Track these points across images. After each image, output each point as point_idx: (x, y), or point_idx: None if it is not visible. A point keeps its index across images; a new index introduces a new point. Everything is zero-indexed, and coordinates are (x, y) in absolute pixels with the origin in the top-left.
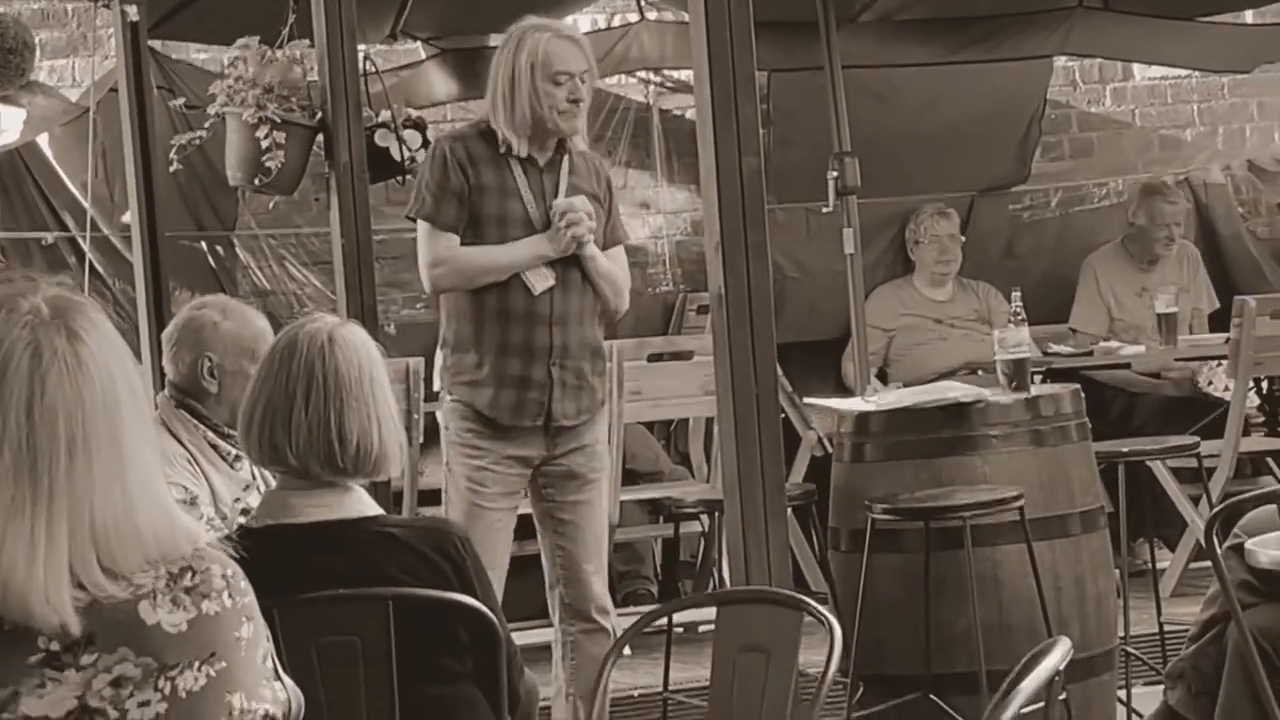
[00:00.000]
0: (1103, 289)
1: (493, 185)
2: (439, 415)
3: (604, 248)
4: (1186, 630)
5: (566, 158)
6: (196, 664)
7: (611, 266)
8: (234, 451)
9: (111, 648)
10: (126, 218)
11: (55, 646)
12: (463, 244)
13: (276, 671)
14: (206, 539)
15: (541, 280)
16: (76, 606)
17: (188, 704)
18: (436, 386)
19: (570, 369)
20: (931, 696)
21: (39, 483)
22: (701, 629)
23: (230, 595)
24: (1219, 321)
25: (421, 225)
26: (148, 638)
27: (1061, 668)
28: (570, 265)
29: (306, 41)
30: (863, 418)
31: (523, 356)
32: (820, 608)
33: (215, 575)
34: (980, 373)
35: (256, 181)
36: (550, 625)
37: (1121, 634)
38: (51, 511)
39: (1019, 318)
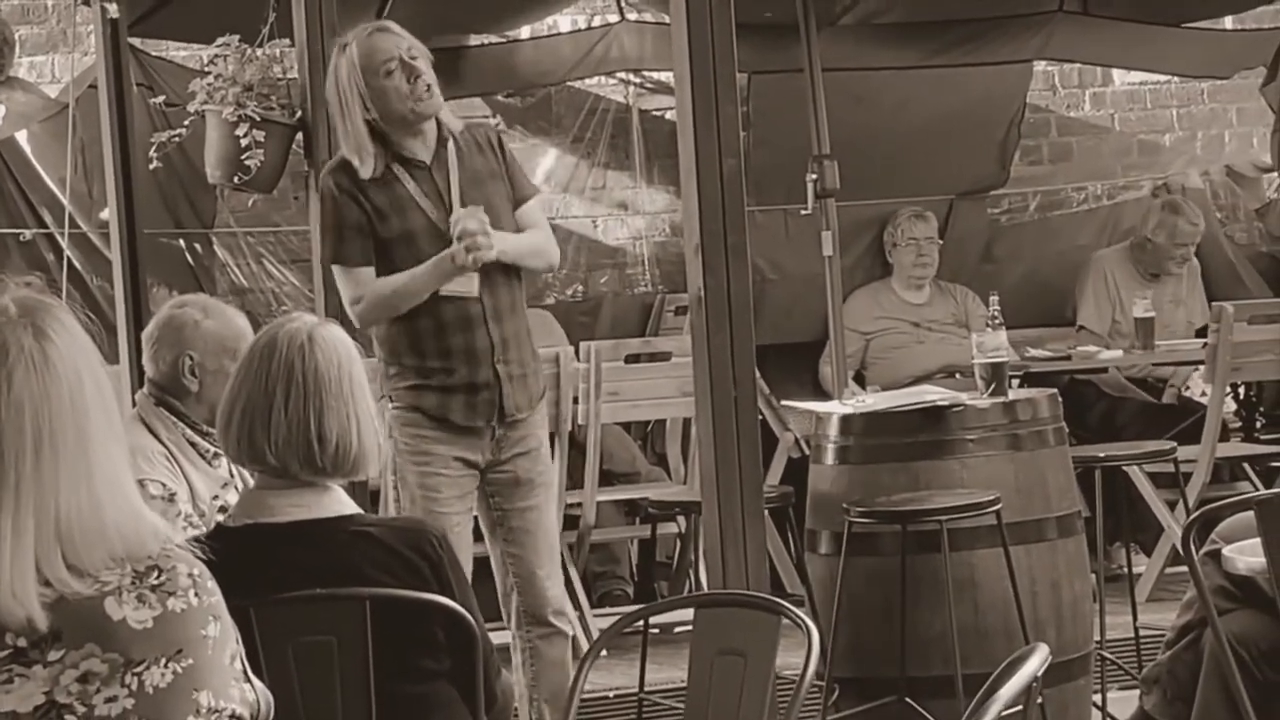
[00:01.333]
0: (1110, 289)
1: (386, 204)
2: (380, 426)
3: (516, 207)
4: (1162, 635)
5: (450, 145)
6: (163, 660)
7: (527, 241)
8: (212, 449)
9: (78, 644)
10: (105, 215)
11: (22, 643)
12: (377, 273)
13: (246, 673)
14: (175, 538)
15: (462, 286)
16: (43, 602)
17: (155, 700)
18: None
19: (514, 361)
20: (907, 700)
21: (4, 479)
22: (677, 630)
23: (197, 594)
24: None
25: (335, 269)
26: (114, 634)
27: (1040, 674)
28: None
29: (287, 40)
30: (840, 420)
31: (467, 362)
32: (798, 612)
33: (181, 574)
34: (958, 376)
35: (236, 179)
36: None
37: (1097, 638)
38: (18, 507)
39: (997, 321)
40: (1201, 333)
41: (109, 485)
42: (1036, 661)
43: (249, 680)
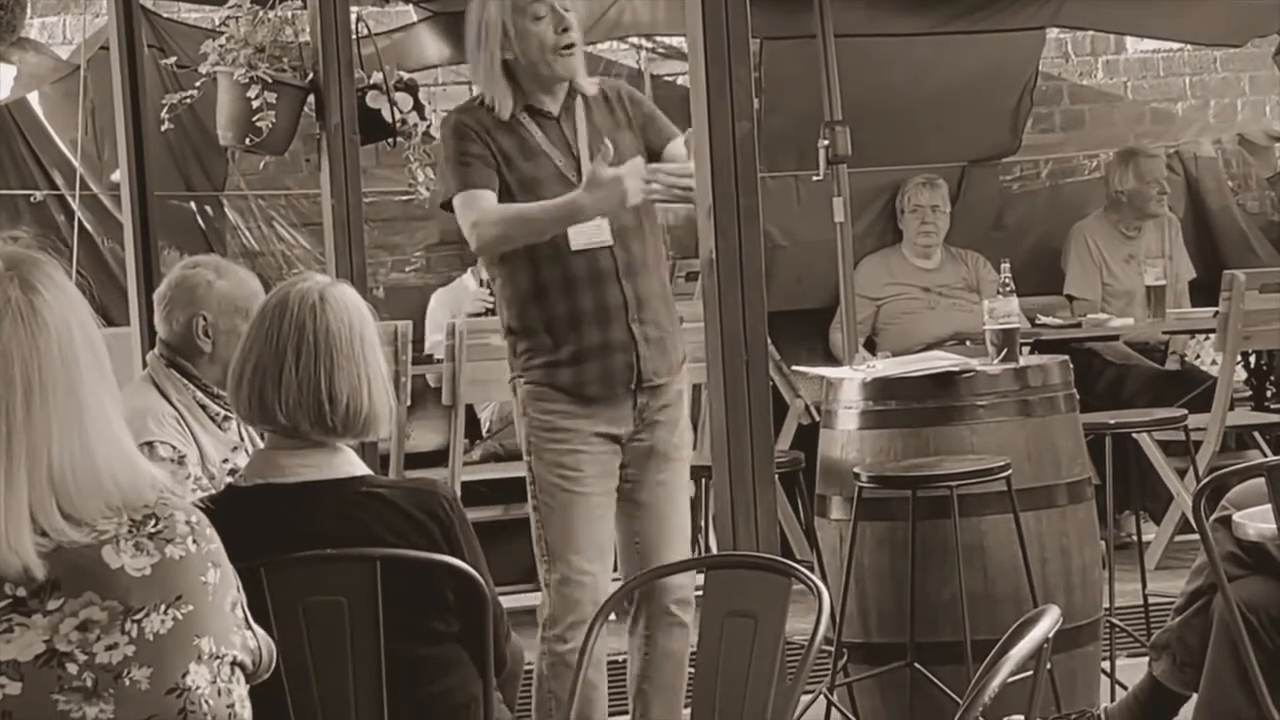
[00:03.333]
0: (1094, 254)
1: (513, 149)
2: (514, 405)
3: (660, 150)
4: (1171, 602)
5: (579, 99)
6: (162, 607)
7: (681, 184)
8: (222, 412)
9: (77, 592)
10: (116, 176)
11: (21, 592)
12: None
13: (247, 621)
14: (173, 487)
15: (597, 233)
16: (40, 551)
17: (155, 646)
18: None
19: (650, 321)
20: (916, 665)
21: None
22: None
23: (195, 540)
24: (1206, 294)
25: (457, 199)
26: (112, 581)
27: (1050, 636)
28: (626, 210)
29: (299, 2)
30: (850, 386)
31: (599, 321)
32: (809, 573)
33: (179, 521)
34: (968, 343)
35: (247, 141)
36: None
37: (1106, 605)
38: (9, 458)
39: (1008, 288)
40: (1208, 299)
41: (102, 435)
42: (1048, 623)
43: (250, 628)
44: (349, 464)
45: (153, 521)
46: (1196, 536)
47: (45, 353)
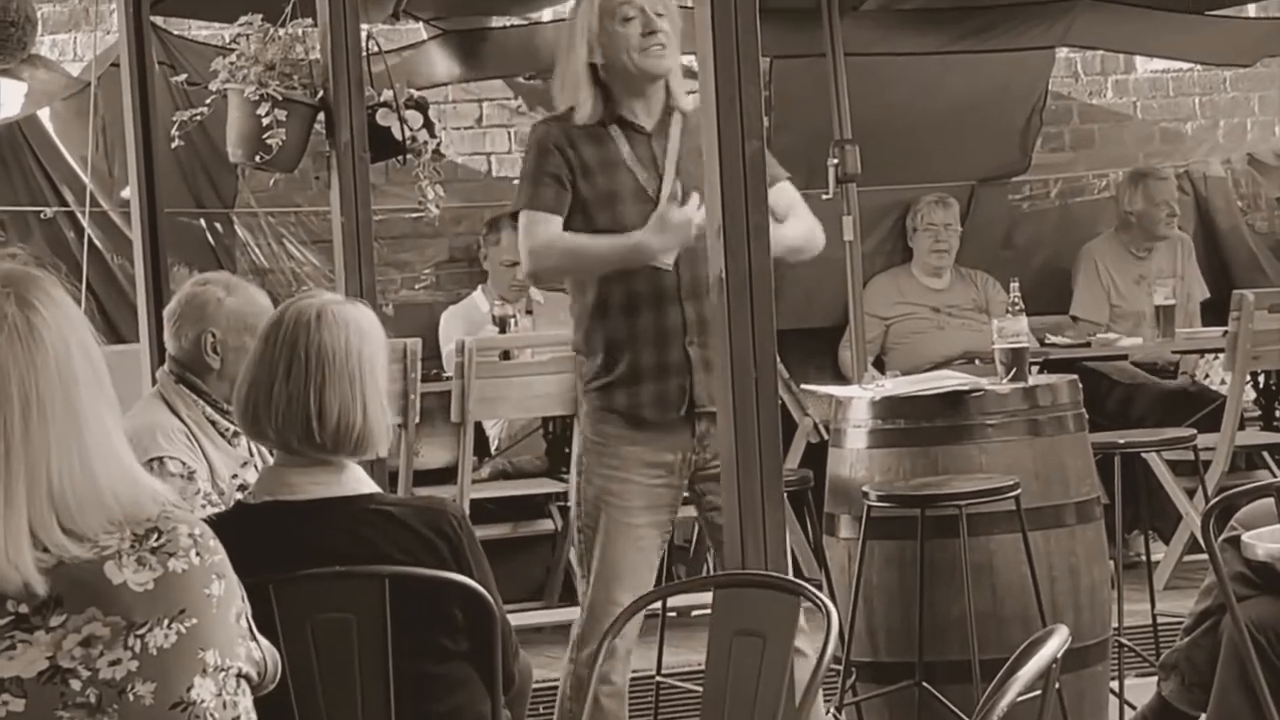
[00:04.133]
0: (1102, 276)
1: (595, 161)
2: (575, 424)
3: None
4: (1180, 622)
5: (676, 117)
6: (166, 621)
7: (789, 232)
8: (232, 428)
9: (80, 608)
10: (126, 193)
11: (24, 609)
12: (573, 228)
13: (252, 632)
14: (174, 498)
15: (663, 262)
16: (41, 567)
17: (159, 661)
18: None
19: (711, 346)
20: (924, 684)
21: None
22: (694, 614)
23: (198, 553)
24: (1215, 314)
25: (522, 215)
26: (115, 597)
27: (1059, 656)
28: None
29: (309, 20)
30: (859, 405)
31: (655, 342)
32: (817, 592)
33: (182, 534)
34: (978, 362)
35: (257, 159)
36: (549, 608)
37: (1115, 625)
38: (8, 473)
39: (1017, 308)
40: (1218, 318)
41: (101, 451)
42: (1056, 643)
43: (255, 639)
44: (358, 481)
45: (155, 535)
46: (1205, 556)
47: (42, 369)
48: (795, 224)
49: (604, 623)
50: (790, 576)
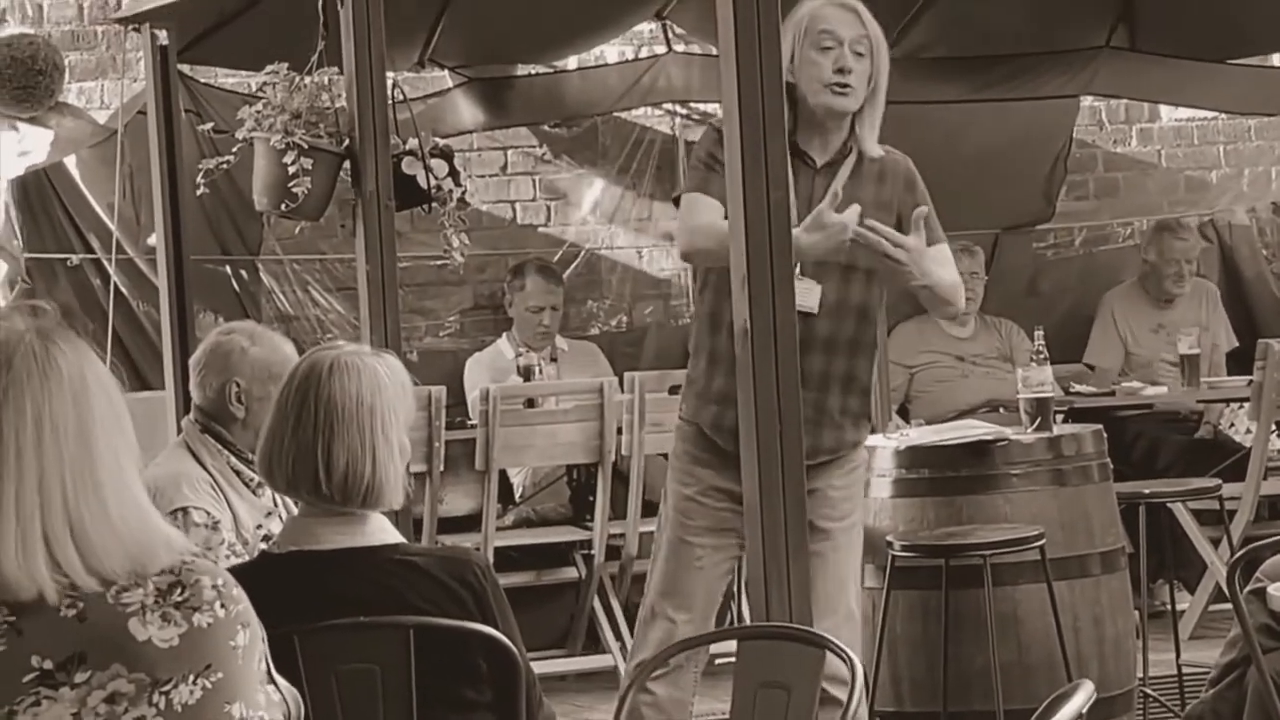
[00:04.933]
0: (1119, 325)
1: None
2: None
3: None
4: (1205, 673)
5: (851, 159)
6: (191, 677)
7: (943, 280)
8: (256, 478)
9: (104, 664)
10: (152, 240)
11: (48, 664)
12: None
13: (270, 674)
14: (188, 545)
15: (803, 296)
16: (66, 617)
17: (184, 717)
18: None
19: (807, 400)
20: None
21: (4, 452)
22: (719, 661)
23: (223, 605)
24: (1240, 362)
25: (686, 197)
26: (140, 654)
27: (1085, 712)
28: (850, 284)
29: (335, 68)
30: (884, 454)
31: None
32: (842, 645)
33: (205, 587)
34: (1002, 410)
35: (283, 207)
36: (572, 655)
37: (1140, 675)
38: (19, 477)
39: (1042, 356)
40: (1242, 367)
41: (115, 485)
42: (1081, 698)
43: (273, 681)
44: (382, 531)
45: (179, 589)
46: (1230, 606)
47: (56, 392)
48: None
49: (653, 635)
50: (815, 630)
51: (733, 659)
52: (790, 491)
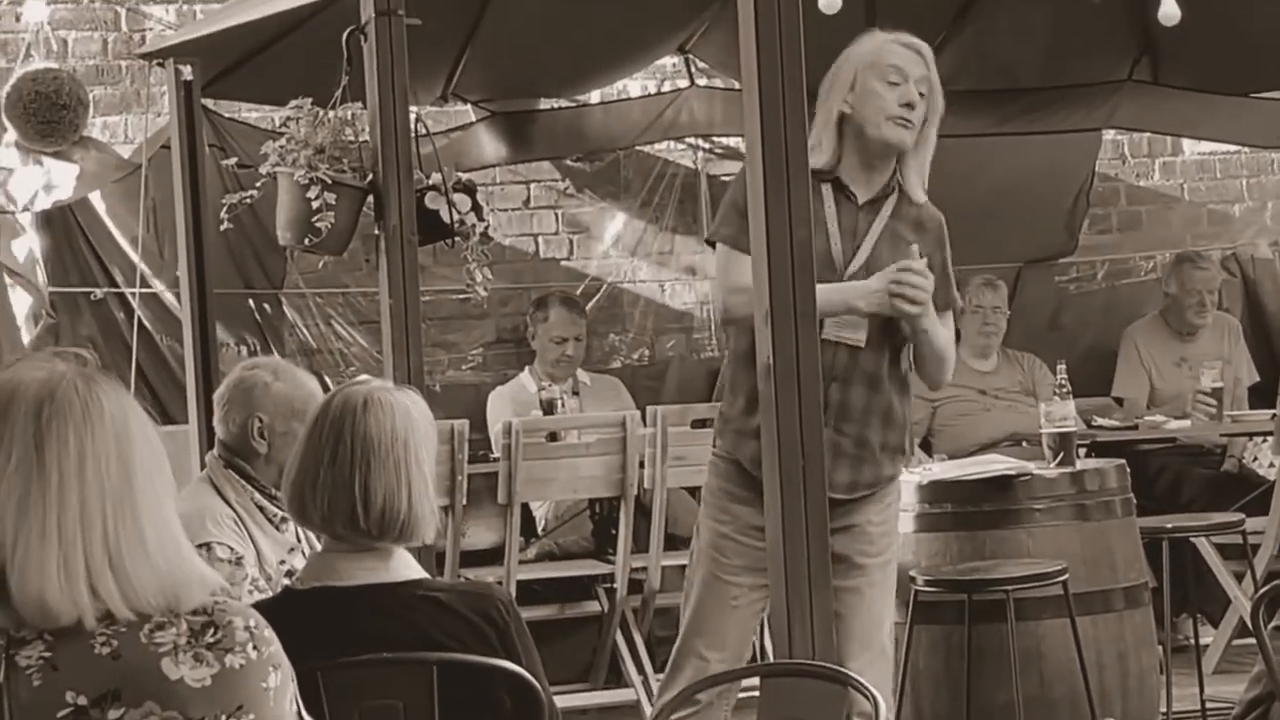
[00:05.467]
0: (1143, 357)
1: None
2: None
3: (938, 310)
4: (1229, 708)
5: (894, 198)
6: (223, 717)
7: (945, 336)
8: (280, 513)
9: (138, 701)
10: (176, 274)
11: (83, 700)
12: None
13: (300, 715)
14: (224, 584)
15: (850, 331)
16: (102, 655)
17: None
18: None
19: (850, 435)
20: None
21: (47, 479)
22: (742, 696)
23: (255, 647)
24: (1263, 396)
25: (720, 248)
26: (172, 692)
27: None
28: (892, 319)
29: (359, 103)
30: (906, 489)
31: None
32: (864, 682)
33: (238, 628)
34: (1024, 444)
35: (306, 241)
36: (595, 689)
37: (1164, 710)
38: (63, 507)
39: (1065, 390)
40: (1265, 401)
41: (155, 525)
42: None
43: (301, 717)
44: (405, 567)
45: (211, 630)
46: (1254, 640)
47: (98, 426)
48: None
49: (684, 671)
50: (837, 666)
51: (756, 695)
52: (813, 527)
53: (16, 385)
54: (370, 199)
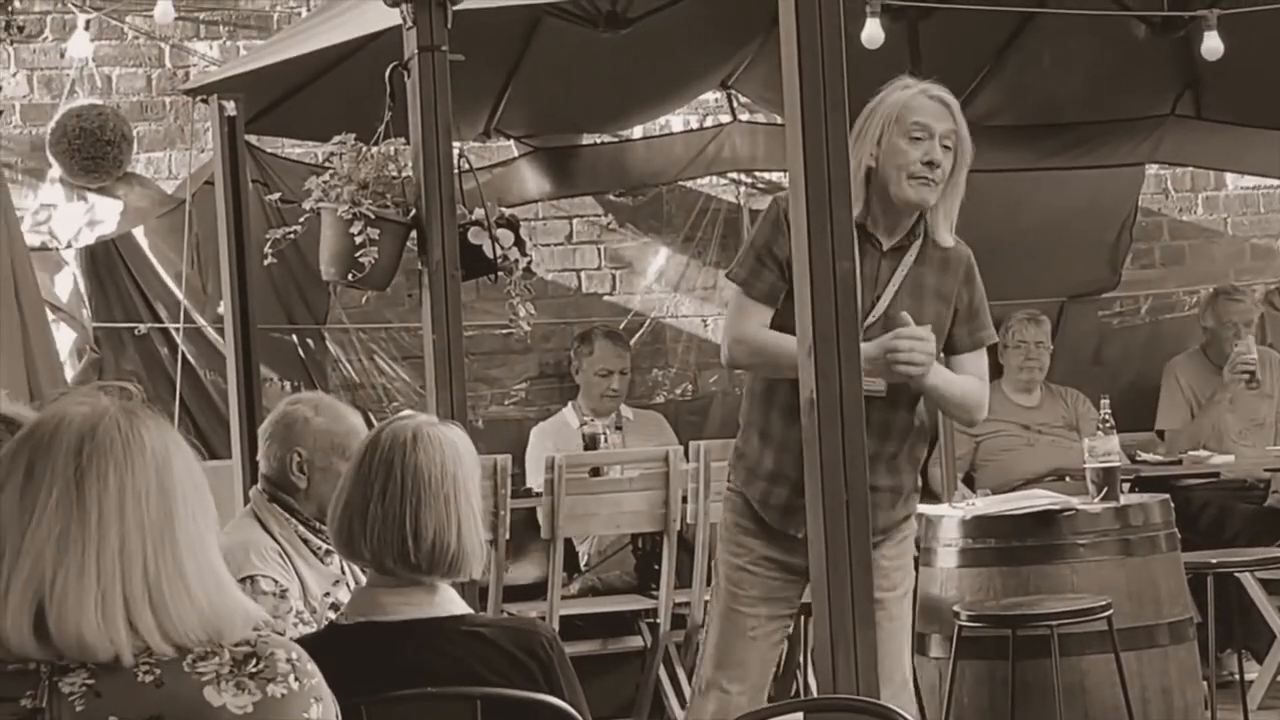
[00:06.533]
0: (1185, 390)
1: None
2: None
3: (966, 349)
4: None
5: (918, 244)
6: None
7: (961, 385)
8: (324, 546)
9: None
10: (219, 309)
11: None
12: (783, 316)
13: None
14: (268, 618)
15: (869, 382)
16: (145, 682)
17: None
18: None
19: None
20: None
21: (87, 516)
22: None
23: (297, 678)
24: None
25: (733, 290)
26: (214, 719)
27: None
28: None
29: (402, 139)
30: (950, 524)
31: (801, 458)
32: (909, 716)
33: (280, 659)
34: (1068, 479)
35: (350, 277)
36: None
37: None
38: (102, 543)
39: (1108, 425)
40: None
41: (196, 561)
42: None
43: None
44: (450, 602)
45: (254, 661)
46: None
47: (139, 462)
48: (969, 380)
49: (708, 705)
50: (880, 701)
51: None
52: (857, 561)
53: (59, 421)
54: (413, 234)
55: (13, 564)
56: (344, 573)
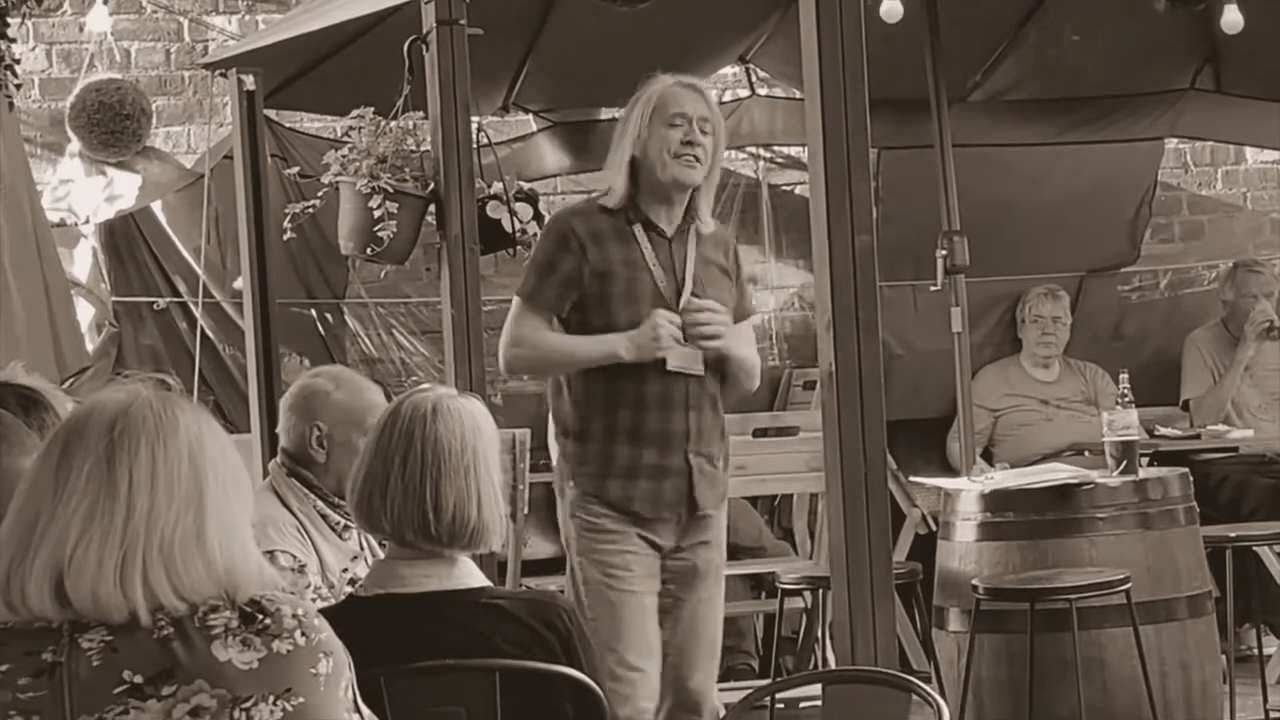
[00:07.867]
0: (1207, 363)
1: (618, 260)
2: (559, 510)
3: (740, 319)
4: None
5: (694, 229)
6: (271, 698)
7: (746, 352)
8: (343, 521)
9: (189, 679)
10: (238, 284)
11: (138, 679)
12: (591, 325)
13: (356, 704)
14: (279, 582)
15: (690, 363)
16: (156, 638)
17: None
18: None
19: (705, 454)
20: None
21: (117, 486)
22: (803, 705)
23: (303, 633)
24: None
25: (516, 301)
26: (221, 672)
27: None
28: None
29: (420, 113)
30: (969, 497)
31: (659, 445)
32: (928, 688)
33: (285, 615)
34: (1086, 454)
35: (368, 251)
36: None
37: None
38: (130, 508)
39: (1127, 399)
40: None
41: (220, 526)
42: None
43: (359, 710)
44: (469, 575)
45: (260, 618)
46: None
47: (171, 437)
48: (751, 350)
49: (625, 691)
50: (899, 672)
51: (818, 703)
52: (876, 535)
53: (96, 406)
54: (432, 208)
55: (42, 534)
56: (362, 548)
